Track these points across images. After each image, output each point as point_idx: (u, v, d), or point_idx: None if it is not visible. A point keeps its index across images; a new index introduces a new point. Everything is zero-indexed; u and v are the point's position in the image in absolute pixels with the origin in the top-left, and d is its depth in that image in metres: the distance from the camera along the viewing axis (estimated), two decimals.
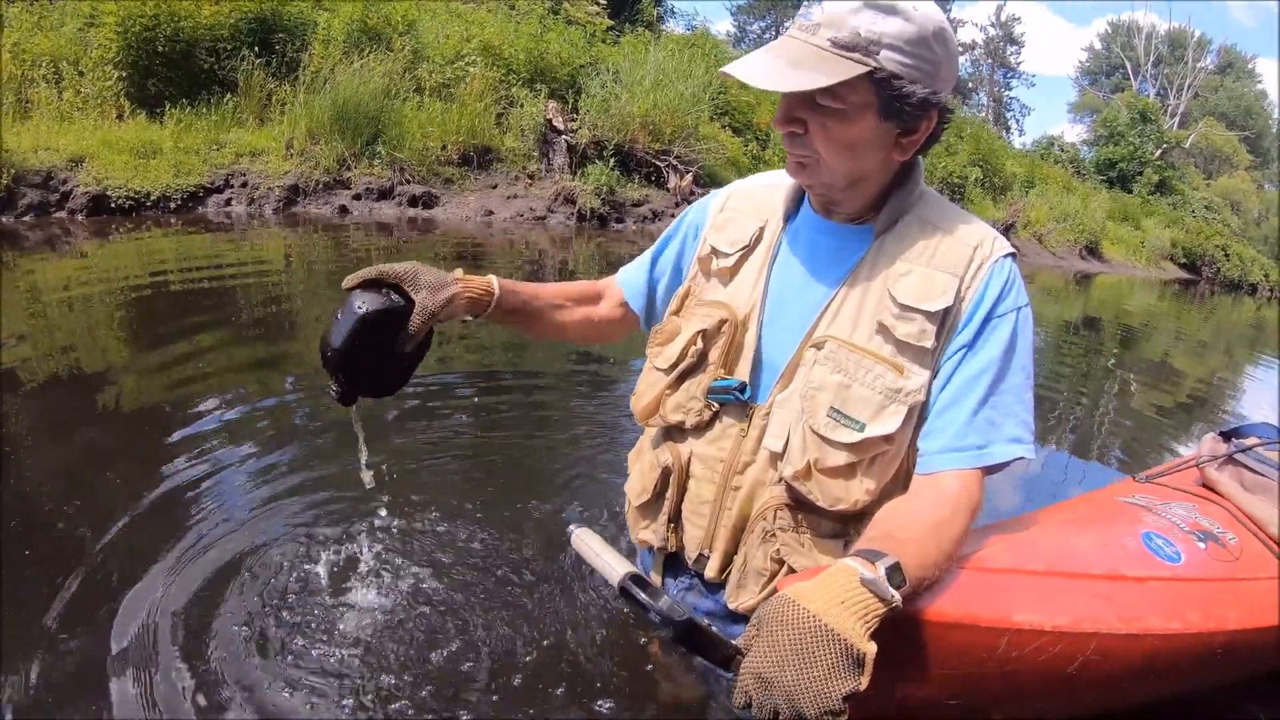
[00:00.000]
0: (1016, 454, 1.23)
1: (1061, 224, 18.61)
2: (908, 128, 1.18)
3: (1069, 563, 1.37)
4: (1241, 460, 1.97)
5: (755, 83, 1.14)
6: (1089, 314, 11.04)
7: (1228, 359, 9.43)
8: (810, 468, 1.24)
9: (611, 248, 9.03)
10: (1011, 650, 1.18)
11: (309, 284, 5.49)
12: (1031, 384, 1.27)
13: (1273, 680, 1.79)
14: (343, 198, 8.77)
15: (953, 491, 1.19)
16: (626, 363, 4.07)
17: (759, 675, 0.91)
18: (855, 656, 0.89)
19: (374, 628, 1.70)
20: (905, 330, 1.21)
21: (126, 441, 2.58)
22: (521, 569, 1.99)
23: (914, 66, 1.12)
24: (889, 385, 1.21)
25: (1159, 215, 25.10)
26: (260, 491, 2.27)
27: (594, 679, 1.62)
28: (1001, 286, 1.23)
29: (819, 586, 0.95)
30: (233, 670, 1.55)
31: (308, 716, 1.47)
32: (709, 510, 1.38)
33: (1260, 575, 1.66)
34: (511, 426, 3.05)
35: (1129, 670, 1.35)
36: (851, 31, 1.11)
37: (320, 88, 9.10)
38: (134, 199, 7.31)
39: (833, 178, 1.23)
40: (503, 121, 10.54)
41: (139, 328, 3.91)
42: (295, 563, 1.92)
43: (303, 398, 3.11)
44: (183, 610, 1.71)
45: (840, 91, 1.12)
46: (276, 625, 1.69)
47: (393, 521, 2.13)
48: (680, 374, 1.38)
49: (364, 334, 1.24)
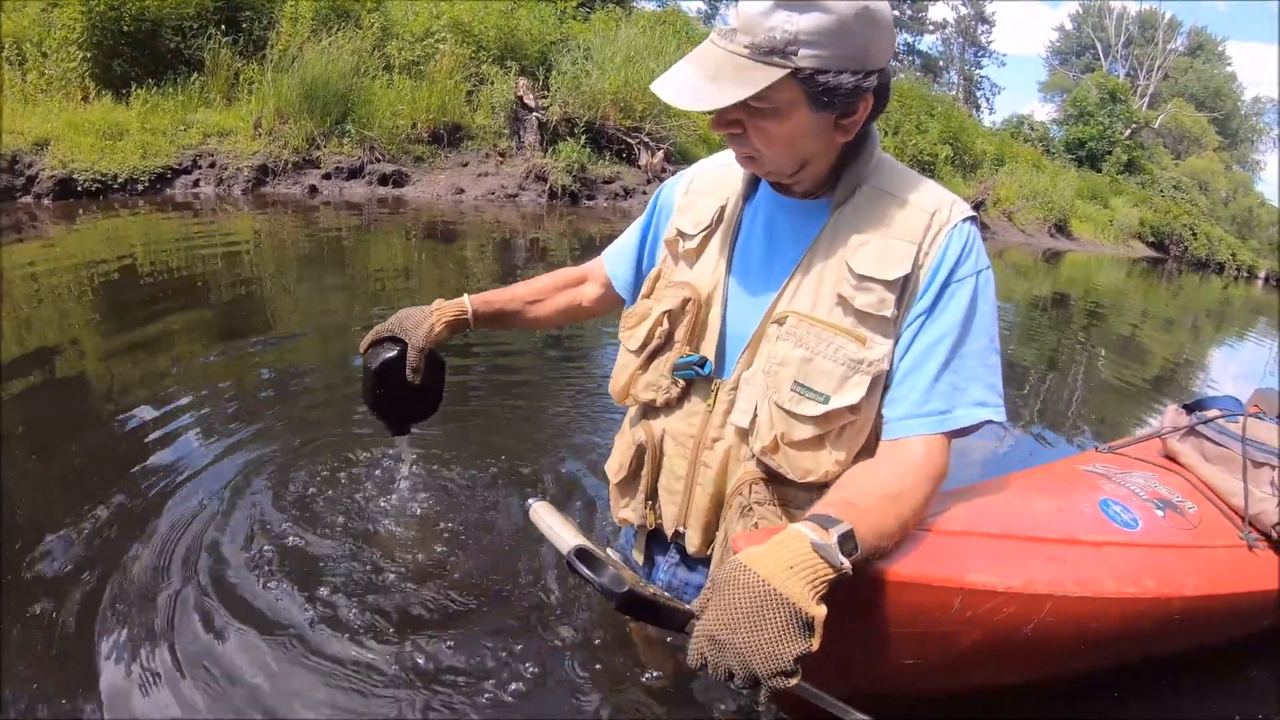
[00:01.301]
0: (982, 417, 1.22)
1: (1031, 202, 18.77)
2: (844, 112, 1.16)
3: (1024, 526, 1.38)
4: (1203, 432, 2.01)
5: (675, 103, 1.12)
6: (1058, 291, 11.15)
7: (1194, 336, 9.58)
8: (778, 442, 1.25)
9: (583, 225, 9.05)
10: (966, 610, 1.18)
11: (279, 265, 5.46)
12: (997, 346, 1.26)
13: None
14: (312, 177, 8.72)
15: (916, 458, 1.19)
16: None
17: (712, 637, 0.93)
18: (804, 620, 0.91)
19: (351, 594, 1.76)
20: (864, 301, 1.21)
21: (94, 422, 2.57)
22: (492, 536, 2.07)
23: (838, 57, 1.09)
24: (851, 356, 1.21)
25: (1127, 194, 25.38)
26: (233, 463, 2.29)
27: (566, 649, 1.69)
28: (960, 251, 1.22)
29: (770, 551, 0.96)
30: (191, 645, 1.60)
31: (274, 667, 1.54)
32: (682, 486, 1.40)
33: (1219, 544, 1.69)
34: (499, 396, 3.11)
35: (1086, 634, 1.36)
36: (767, 35, 1.08)
37: (288, 66, 9.01)
38: (101, 182, 7.24)
39: (779, 166, 1.23)
40: (473, 99, 10.49)
41: (108, 311, 3.86)
42: (263, 527, 1.97)
43: (271, 375, 3.13)
44: (166, 586, 1.74)
45: (766, 94, 1.10)
46: (250, 592, 1.74)
47: (369, 489, 2.20)
48: (649, 354, 1.40)
49: (379, 383, 1.53)
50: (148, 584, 1.76)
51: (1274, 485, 1.81)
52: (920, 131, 17.09)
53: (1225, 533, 1.74)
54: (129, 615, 1.66)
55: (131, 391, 2.81)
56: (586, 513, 2.29)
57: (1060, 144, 28.30)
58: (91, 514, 2.01)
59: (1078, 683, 1.55)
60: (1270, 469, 1.84)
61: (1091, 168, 27.01)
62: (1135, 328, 8.83)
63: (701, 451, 1.37)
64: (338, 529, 2.02)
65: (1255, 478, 1.84)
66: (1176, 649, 1.70)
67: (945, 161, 16.98)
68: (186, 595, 1.73)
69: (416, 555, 1.95)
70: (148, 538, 1.92)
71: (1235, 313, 14.03)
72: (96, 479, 2.19)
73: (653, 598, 1.02)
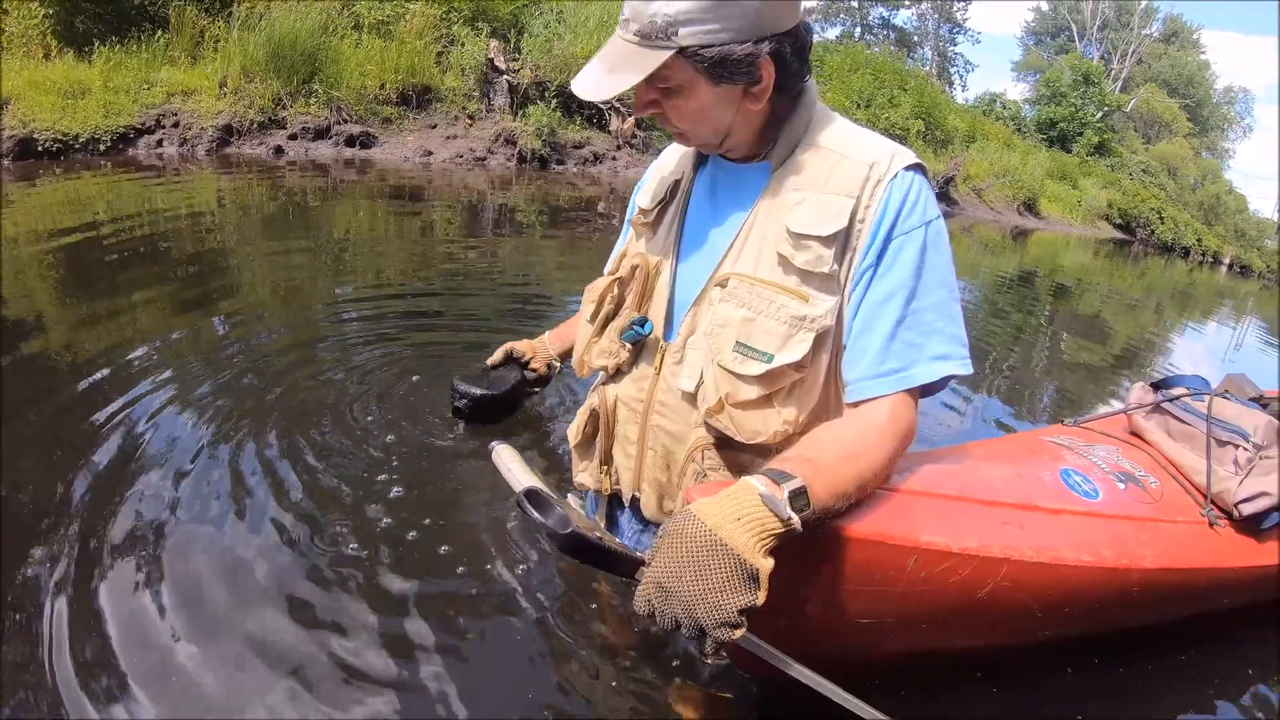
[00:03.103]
0: (944, 372, 1.22)
1: (1000, 180, 18.90)
2: (748, 81, 1.18)
3: (981, 490, 1.38)
4: (1169, 410, 2.02)
5: (582, 95, 1.18)
6: (1025, 268, 11.24)
7: (1158, 317, 9.71)
8: (723, 403, 1.26)
9: (552, 189, 9.01)
10: (920, 570, 1.18)
11: (243, 228, 5.40)
12: (956, 298, 1.25)
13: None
14: (278, 138, 8.61)
15: (878, 419, 1.19)
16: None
17: (659, 584, 0.95)
18: (748, 571, 0.92)
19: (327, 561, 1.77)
20: (803, 259, 1.21)
21: (52, 391, 2.50)
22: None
23: (722, 30, 1.12)
24: (793, 314, 1.21)
25: (1097, 176, 25.55)
26: (197, 433, 2.27)
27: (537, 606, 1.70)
28: (901, 203, 1.21)
29: (719, 503, 0.98)
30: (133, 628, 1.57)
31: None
32: (635, 451, 1.43)
33: (1180, 519, 1.70)
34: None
35: (1043, 601, 1.36)
36: (649, 20, 1.11)
37: (255, 24, 8.85)
38: (62, 141, 7.09)
39: (703, 139, 1.27)
40: (443, 60, 10.37)
41: (67, 275, 3.78)
42: (228, 497, 1.98)
43: (235, 340, 3.10)
44: (134, 561, 1.71)
45: (663, 74, 1.15)
46: (212, 562, 1.73)
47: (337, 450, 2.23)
48: (603, 321, 1.45)
49: (498, 405, 2.38)
50: (115, 563, 1.71)
51: (1237, 464, 1.83)
52: (893, 105, 17.12)
53: (1187, 509, 1.75)
54: (87, 601, 1.59)
55: (93, 359, 2.75)
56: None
57: (1032, 124, 28.46)
58: (55, 488, 1.96)
59: (1037, 652, 1.58)
60: (1234, 448, 1.86)
61: (1062, 148, 27.18)
62: (1100, 310, 8.94)
63: (651, 415, 1.39)
64: (314, 489, 2.04)
65: (1219, 456, 1.86)
66: (1137, 622, 1.72)
67: (917, 136, 17.04)
68: (153, 570, 1.70)
69: (386, 518, 1.96)
70: (112, 512, 1.87)
71: (1199, 298, 14.22)
72: (59, 452, 2.14)
73: (599, 542, 1.02)
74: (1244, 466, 1.81)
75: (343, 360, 2.95)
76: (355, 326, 3.47)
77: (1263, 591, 1.92)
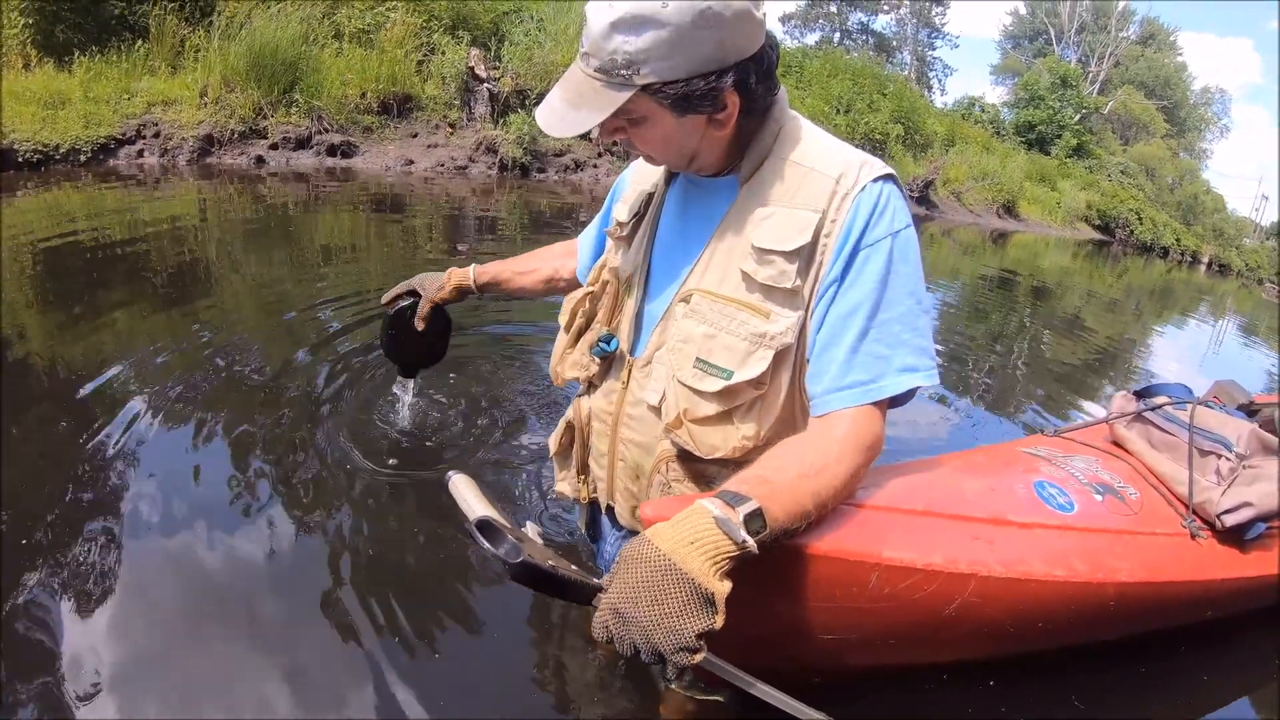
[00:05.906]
0: (910, 384, 1.19)
1: (980, 183, 19.08)
2: (712, 110, 1.16)
3: (951, 505, 1.35)
4: (1151, 419, 1.99)
5: (547, 130, 1.16)
6: (1005, 271, 11.31)
7: (1137, 318, 9.81)
8: (681, 419, 1.26)
9: (533, 197, 9.06)
10: (884, 586, 1.17)
11: (224, 238, 5.41)
12: (924, 308, 1.23)
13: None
14: (259, 148, 8.62)
15: (841, 433, 1.16)
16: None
17: (617, 610, 0.93)
18: (704, 595, 0.91)
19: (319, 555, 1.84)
20: (766, 274, 1.20)
21: (38, 398, 2.54)
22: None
23: (682, 66, 1.09)
24: (754, 331, 1.20)
25: (1075, 178, 25.78)
26: (179, 440, 2.32)
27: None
28: (869, 215, 1.19)
29: (673, 527, 0.97)
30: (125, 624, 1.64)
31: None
32: (607, 462, 1.44)
33: (1160, 531, 1.66)
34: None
35: (1014, 616, 1.34)
36: (609, 58, 1.09)
37: (236, 33, 8.85)
38: (42, 152, 7.07)
39: (670, 162, 1.27)
40: (424, 69, 10.39)
41: (48, 288, 3.79)
42: (211, 499, 2.04)
43: (216, 348, 3.14)
44: (114, 566, 1.76)
45: (627, 108, 1.12)
46: (199, 557, 1.80)
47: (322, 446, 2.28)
48: (576, 334, 1.47)
49: (393, 325, 1.89)
50: (103, 559, 1.77)
51: (1219, 474, 1.80)
52: (872, 110, 17.22)
53: (1167, 520, 1.71)
54: (77, 600, 1.65)
55: (76, 370, 2.78)
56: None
57: (1010, 127, 28.62)
58: (40, 493, 2.00)
59: (1009, 668, 1.56)
60: (1217, 458, 1.83)
61: (1041, 151, 27.39)
62: (1080, 311, 9.00)
63: (619, 428, 1.40)
64: (295, 489, 2.09)
65: (1201, 466, 1.83)
66: (1118, 635, 1.70)
67: (896, 141, 17.15)
68: (137, 570, 1.76)
69: (373, 529, 2.02)
70: (99, 513, 1.93)
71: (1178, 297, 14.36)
72: (43, 461, 2.17)
73: (552, 570, 1.00)
74: (1227, 477, 1.79)
75: (322, 367, 2.99)
76: (336, 334, 3.52)
77: (1247, 603, 1.90)
